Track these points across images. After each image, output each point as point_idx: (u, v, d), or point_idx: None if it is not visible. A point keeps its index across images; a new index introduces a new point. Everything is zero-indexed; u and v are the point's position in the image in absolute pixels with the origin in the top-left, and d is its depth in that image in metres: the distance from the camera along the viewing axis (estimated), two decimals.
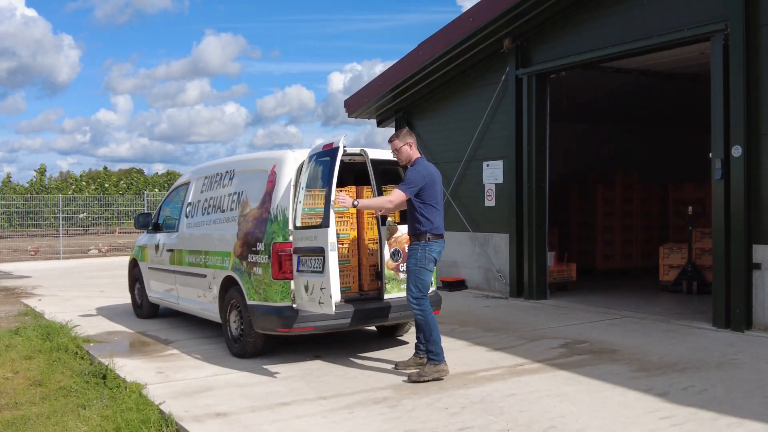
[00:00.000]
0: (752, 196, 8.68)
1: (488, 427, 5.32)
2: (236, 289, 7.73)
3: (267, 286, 7.24)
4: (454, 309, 10.91)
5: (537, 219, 11.70)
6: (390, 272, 7.65)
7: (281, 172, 7.42)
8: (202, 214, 8.91)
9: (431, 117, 14.30)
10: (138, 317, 10.69)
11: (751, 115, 8.66)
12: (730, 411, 5.56)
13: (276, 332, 7.29)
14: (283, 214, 7.25)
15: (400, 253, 7.71)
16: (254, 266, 7.43)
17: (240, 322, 7.69)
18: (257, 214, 7.60)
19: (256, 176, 7.88)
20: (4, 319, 10.75)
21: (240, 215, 7.96)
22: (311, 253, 6.74)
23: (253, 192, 7.80)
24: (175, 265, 9.35)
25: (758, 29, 8.60)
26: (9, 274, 18.46)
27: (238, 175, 8.32)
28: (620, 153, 16.55)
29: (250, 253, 7.52)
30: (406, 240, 7.56)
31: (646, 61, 11.83)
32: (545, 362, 7.27)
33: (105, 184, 48.50)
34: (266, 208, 7.47)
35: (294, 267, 7.02)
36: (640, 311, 10.25)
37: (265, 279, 7.24)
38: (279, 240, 7.19)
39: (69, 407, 6.19)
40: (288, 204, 7.23)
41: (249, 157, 8.67)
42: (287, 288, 7.13)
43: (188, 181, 9.69)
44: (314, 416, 5.67)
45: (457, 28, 12.12)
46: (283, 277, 7.12)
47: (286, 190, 7.29)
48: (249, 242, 7.57)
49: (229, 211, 8.24)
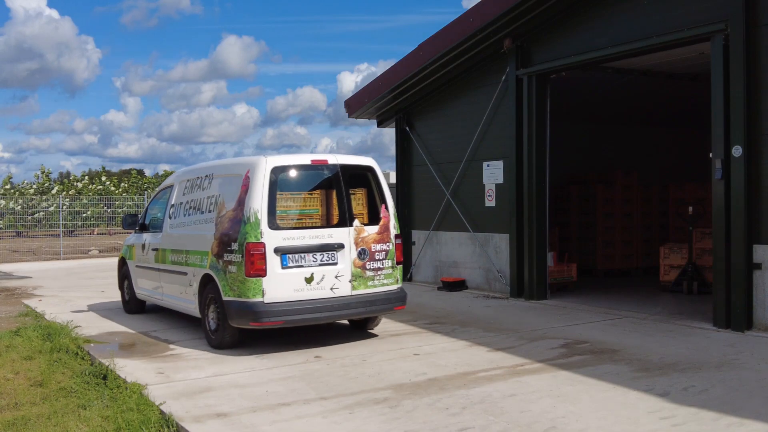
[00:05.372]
0: (752, 196, 8.68)
1: (489, 427, 5.32)
2: (213, 286, 8.30)
3: (240, 283, 7.81)
4: (454, 309, 10.91)
5: (537, 219, 11.70)
6: (357, 270, 8.26)
7: (254, 177, 7.97)
8: (184, 216, 9.46)
9: (432, 117, 14.30)
10: (126, 313, 11.18)
11: (751, 115, 8.66)
12: (730, 411, 5.56)
13: (249, 326, 7.91)
14: (256, 215, 7.82)
15: (367, 252, 8.34)
16: (229, 264, 7.99)
17: (217, 317, 8.26)
18: (232, 215, 8.14)
19: (232, 180, 8.44)
20: (4, 320, 10.76)
21: (217, 217, 8.50)
22: (323, 249, 7.94)
23: (229, 195, 8.36)
24: (159, 263, 9.89)
25: (758, 29, 8.60)
26: (9, 274, 18.46)
27: (216, 179, 8.87)
28: (620, 153, 16.54)
29: (225, 252, 8.08)
30: (372, 240, 8.39)
31: (646, 61, 11.82)
32: (546, 362, 7.27)
33: (106, 182, 48.49)
34: (240, 210, 8.00)
35: (279, 264, 7.77)
36: (640, 311, 10.25)
37: (239, 276, 7.82)
38: (252, 240, 7.76)
39: (69, 408, 6.20)
40: (262, 206, 7.84)
41: (226, 162, 9.30)
42: (259, 285, 7.73)
43: (172, 183, 10.23)
44: (315, 416, 5.67)
45: (457, 28, 12.11)
46: (256, 275, 7.73)
47: (259, 194, 7.87)
48: (225, 242, 8.12)
49: (207, 212, 8.80)
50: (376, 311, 8.53)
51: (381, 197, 8.70)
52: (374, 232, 8.45)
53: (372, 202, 8.69)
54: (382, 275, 8.49)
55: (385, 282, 8.52)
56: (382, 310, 8.64)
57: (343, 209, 8.33)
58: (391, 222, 8.66)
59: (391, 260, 8.59)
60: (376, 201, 8.69)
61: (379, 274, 8.46)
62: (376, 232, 8.49)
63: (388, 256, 8.55)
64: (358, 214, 8.48)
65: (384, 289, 8.51)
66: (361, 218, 8.47)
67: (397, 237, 8.74)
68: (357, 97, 15.20)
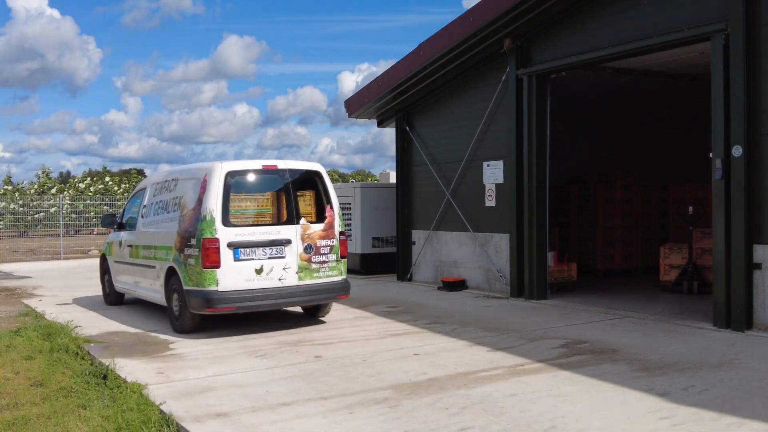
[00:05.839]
0: (753, 196, 8.68)
1: (489, 427, 5.32)
2: (176, 277, 9.31)
3: (198, 274, 8.84)
4: (454, 309, 10.91)
5: (537, 219, 11.70)
6: (303, 263, 9.27)
7: (211, 180, 8.98)
8: (154, 215, 10.47)
9: (432, 117, 14.30)
10: (107, 305, 12.02)
11: (751, 115, 8.66)
12: (730, 411, 5.56)
13: (206, 312, 8.89)
14: (211, 214, 8.84)
15: (312, 247, 9.35)
16: (189, 258, 9.03)
17: (180, 305, 9.27)
18: (192, 214, 9.14)
19: (192, 183, 9.45)
20: (4, 320, 10.76)
21: (180, 215, 9.49)
22: (272, 244, 9.03)
23: (190, 196, 9.37)
24: (133, 258, 10.91)
25: (758, 29, 8.60)
26: (9, 274, 18.46)
27: (180, 182, 9.89)
28: (620, 153, 16.54)
29: (186, 246, 9.12)
30: (318, 236, 9.38)
31: (646, 61, 11.82)
32: (546, 362, 7.28)
33: (109, 182, 48.45)
34: (198, 209, 9.00)
35: (232, 257, 8.81)
36: (640, 311, 10.25)
37: (197, 268, 8.85)
38: (207, 236, 8.79)
39: (70, 407, 6.20)
40: (216, 205, 8.84)
41: (188, 167, 10.32)
42: (214, 275, 8.76)
43: (145, 186, 11.30)
44: (315, 416, 5.67)
45: (457, 28, 12.11)
46: (211, 266, 8.75)
47: (215, 195, 8.89)
48: (185, 238, 9.15)
49: (172, 212, 9.82)
50: (320, 300, 9.63)
51: (327, 198, 9.67)
52: (320, 230, 9.45)
53: (319, 203, 9.67)
54: (327, 268, 9.48)
55: (329, 274, 9.50)
56: (326, 299, 9.71)
57: (291, 209, 9.35)
58: (335, 220, 9.65)
59: (336, 254, 9.57)
60: (323, 201, 9.65)
61: (324, 266, 9.45)
62: (322, 229, 9.48)
63: (333, 250, 9.55)
64: (306, 213, 9.48)
65: (328, 280, 9.49)
66: (308, 217, 9.47)
67: (342, 234, 9.72)
68: (357, 97, 15.20)
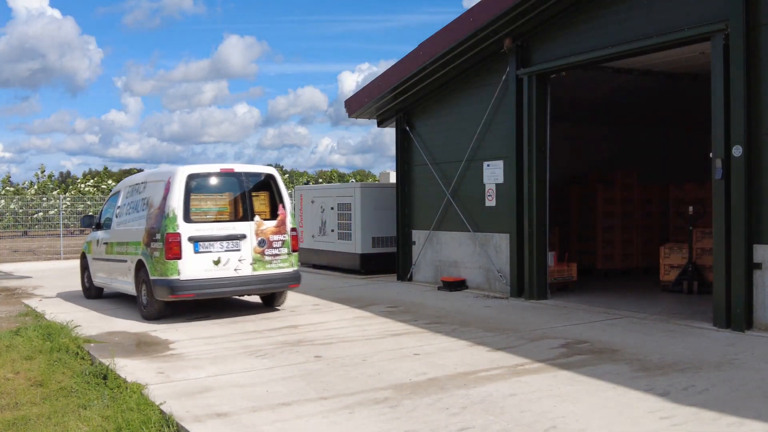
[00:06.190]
0: (753, 196, 8.68)
1: (489, 427, 5.32)
2: (144, 269, 10.34)
3: (162, 265, 9.95)
4: (454, 309, 10.91)
5: (537, 219, 11.69)
6: (257, 255, 10.36)
7: (174, 182, 10.12)
8: (126, 215, 11.54)
9: (432, 117, 14.30)
10: (86, 298, 12.89)
11: (751, 114, 8.66)
12: (730, 411, 5.56)
13: (169, 298, 9.96)
14: (174, 212, 9.95)
15: (266, 242, 10.42)
16: (154, 251, 10.12)
17: (147, 293, 10.28)
18: (157, 212, 10.24)
19: (158, 185, 10.57)
20: (4, 320, 10.76)
21: (147, 214, 10.59)
22: (228, 238, 10.16)
23: (156, 197, 10.46)
24: (109, 254, 11.92)
25: (758, 29, 8.59)
26: (10, 274, 18.46)
27: (148, 185, 11.01)
28: (620, 153, 16.53)
29: (152, 241, 10.20)
30: (270, 232, 10.46)
31: (646, 61, 11.81)
32: (546, 362, 7.28)
33: (103, 183, 48.41)
34: (163, 208, 10.11)
35: (192, 249, 9.92)
36: (640, 311, 10.25)
37: (161, 259, 9.95)
38: (170, 231, 9.90)
39: (70, 407, 6.20)
40: (178, 204, 9.95)
41: (155, 171, 11.72)
42: (176, 266, 9.87)
43: (119, 190, 12.37)
44: (315, 416, 5.67)
45: (457, 27, 12.11)
46: (173, 258, 9.86)
47: (177, 195, 10.00)
48: (152, 233, 10.24)
49: (141, 211, 10.90)
50: (273, 288, 10.72)
51: (280, 198, 10.75)
52: (272, 226, 10.54)
53: (273, 203, 10.76)
54: (279, 260, 10.56)
55: (281, 265, 10.58)
56: (279, 288, 10.77)
57: (246, 207, 10.53)
58: (287, 218, 10.73)
59: (287, 248, 10.65)
60: (276, 201, 10.74)
61: (276, 259, 10.52)
62: (274, 225, 10.56)
63: (284, 245, 10.64)
64: (261, 212, 10.59)
65: (280, 271, 10.57)
66: (263, 215, 10.58)
67: (293, 230, 10.79)
68: (357, 96, 15.20)
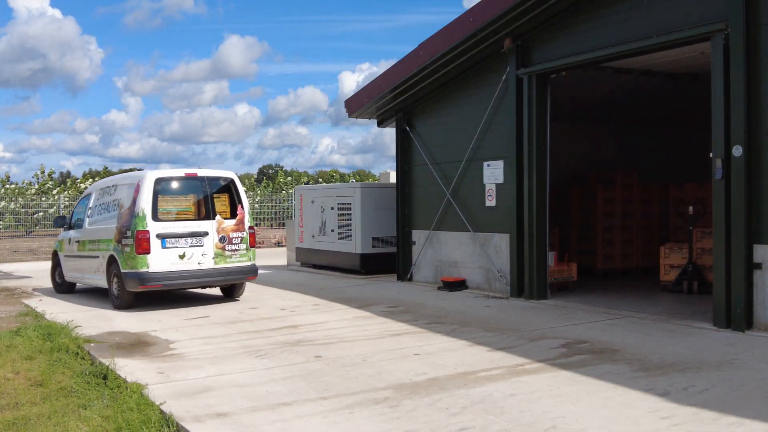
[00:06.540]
0: (753, 196, 8.68)
1: (489, 427, 5.32)
2: (116, 264, 11.47)
3: (132, 259, 11.12)
4: (454, 309, 10.91)
5: (537, 219, 11.69)
6: (218, 251, 11.66)
7: (143, 185, 11.34)
8: (98, 215, 12.63)
9: (432, 117, 14.30)
10: (57, 293, 13.74)
11: (751, 114, 8.66)
12: (731, 411, 5.56)
13: (139, 289, 11.12)
14: (143, 211, 11.14)
15: (226, 238, 11.72)
16: (125, 246, 11.27)
17: (118, 286, 11.43)
18: (128, 212, 11.41)
19: (128, 188, 11.75)
20: (4, 320, 10.76)
21: (118, 214, 11.72)
22: (192, 235, 11.44)
23: (127, 198, 11.63)
24: (80, 251, 12.93)
25: (758, 29, 8.59)
26: (10, 274, 18.45)
27: (118, 188, 12.19)
28: (620, 153, 16.53)
29: (123, 238, 11.35)
30: (230, 229, 11.77)
31: (646, 61, 11.81)
32: (546, 362, 7.28)
33: None
34: (133, 208, 11.28)
35: (160, 245, 11.12)
36: (640, 311, 10.25)
37: (132, 254, 11.12)
38: (140, 228, 11.10)
39: (70, 407, 6.20)
40: (147, 205, 11.14)
41: (126, 175, 13.11)
42: (145, 260, 11.06)
43: (91, 192, 13.44)
44: (315, 416, 5.67)
45: (457, 27, 12.10)
46: (143, 252, 11.05)
47: (146, 196, 11.20)
48: (123, 231, 11.39)
49: (112, 211, 12.03)
50: (232, 280, 11.99)
51: (239, 200, 12.03)
52: (232, 224, 11.83)
53: (233, 203, 12.03)
54: (238, 255, 11.86)
55: (240, 260, 11.88)
56: (238, 279, 12.05)
57: (208, 207, 11.76)
58: (245, 217, 12.00)
59: (246, 244, 11.96)
60: (236, 202, 12.01)
61: (235, 253, 11.82)
62: (234, 224, 11.86)
63: (243, 241, 11.93)
64: (221, 212, 11.84)
65: (239, 265, 11.87)
66: (223, 214, 11.84)
67: (251, 228, 12.08)
68: (357, 96, 15.20)
